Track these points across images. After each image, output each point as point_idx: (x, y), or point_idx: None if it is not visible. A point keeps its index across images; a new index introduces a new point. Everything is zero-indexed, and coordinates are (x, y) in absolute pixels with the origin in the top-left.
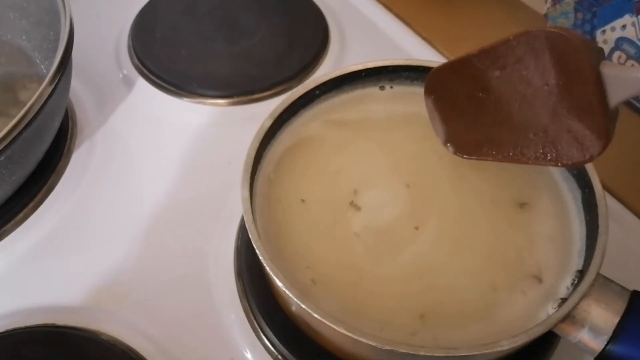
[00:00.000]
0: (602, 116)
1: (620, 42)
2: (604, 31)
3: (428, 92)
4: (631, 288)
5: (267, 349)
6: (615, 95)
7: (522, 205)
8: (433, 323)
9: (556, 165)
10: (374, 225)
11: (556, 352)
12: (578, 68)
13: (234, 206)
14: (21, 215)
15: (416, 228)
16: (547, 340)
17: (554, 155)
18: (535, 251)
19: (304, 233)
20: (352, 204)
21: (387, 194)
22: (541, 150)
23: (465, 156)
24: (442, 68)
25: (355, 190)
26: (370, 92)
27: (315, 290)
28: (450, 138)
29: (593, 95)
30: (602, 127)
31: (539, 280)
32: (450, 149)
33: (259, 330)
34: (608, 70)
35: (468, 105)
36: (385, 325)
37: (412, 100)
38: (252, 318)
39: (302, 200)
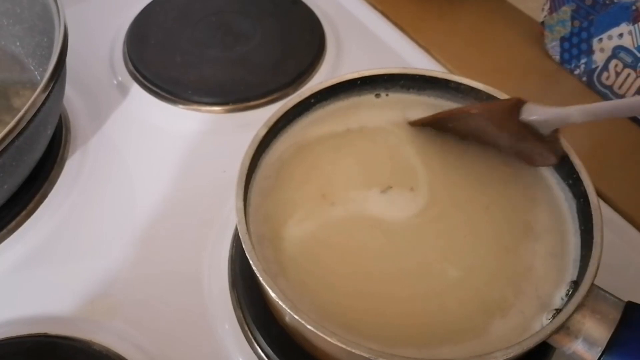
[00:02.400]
0: (541, 145)
1: (617, 51)
2: (600, 39)
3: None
4: (626, 298)
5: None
6: (543, 130)
7: (524, 221)
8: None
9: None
10: (373, 234)
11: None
12: (506, 126)
13: (228, 214)
14: (13, 223)
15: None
16: (543, 351)
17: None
18: (534, 265)
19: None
20: (347, 210)
21: (387, 200)
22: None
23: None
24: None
25: (351, 198)
26: (365, 100)
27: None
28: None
29: (524, 135)
30: (548, 150)
31: (539, 298)
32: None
33: (253, 340)
34: (525, 117)
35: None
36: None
37: (407, 108)
38: (246, 328)
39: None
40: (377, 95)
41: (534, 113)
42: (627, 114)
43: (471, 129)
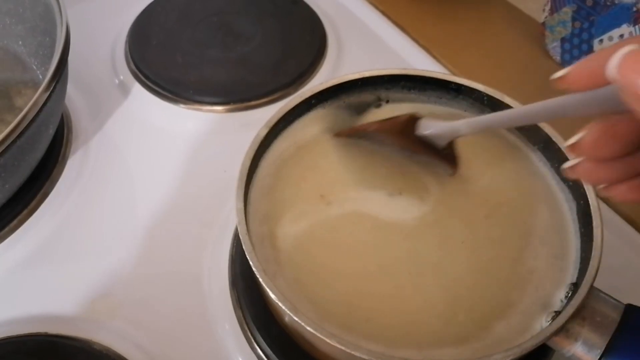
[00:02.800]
0: (437, 156)
1: None
2: (601, 40)
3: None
4: (626, 301)
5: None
6: (438, 143)
7: (525, 223)
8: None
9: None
10: (373, 233)
11: None
12: (404, 140)
13: (228, 214)
14: (15, 222)
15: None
16: (542, 352)
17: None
18: (536, 267)
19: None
20: (346, 210)
21: (387, 200)
22: None
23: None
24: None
25: (352, 197)
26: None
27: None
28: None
29: (419, 149)
30: (444, 161)
31: (540, 300)
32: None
33: (253, 340)
34: (420, 132)
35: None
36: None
37: (408, 108)
38: (246, 328)
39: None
40: (378, 106)
41: (428, 128)
42: (507, 125)
43: (383, 143)
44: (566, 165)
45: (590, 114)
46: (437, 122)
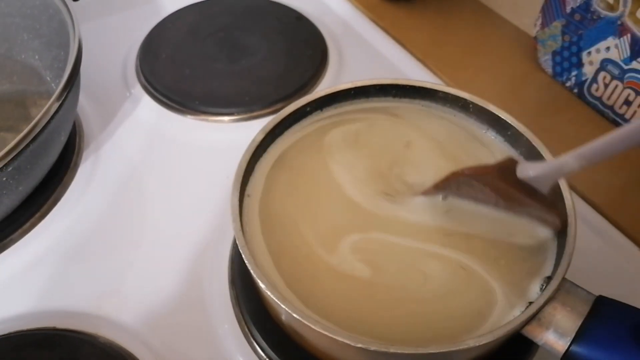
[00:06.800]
0: (540, 205)
1: (605, 63)
2: (589, 53)
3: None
4: (598, 293)
5: (259, 356)
6: (542, 187)
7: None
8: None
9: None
10: (369, 233)
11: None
12: (502, 187)
13: (230, 218)
14: (27, 224)
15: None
16: (525, 350)
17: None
18: (518, 263)
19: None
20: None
21: (383, 202)
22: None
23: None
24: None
25: (350, 199)
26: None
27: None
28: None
29: (520, 198)
30: (548, 211)
31: (524, 295)
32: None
33: (251, 337)
34: (522, 176)
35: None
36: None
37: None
38: (244, 325)
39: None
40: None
41: (529, 170)
42: (628, 146)
43: (470, 195)
44: None
45: None
46: (538, 162)
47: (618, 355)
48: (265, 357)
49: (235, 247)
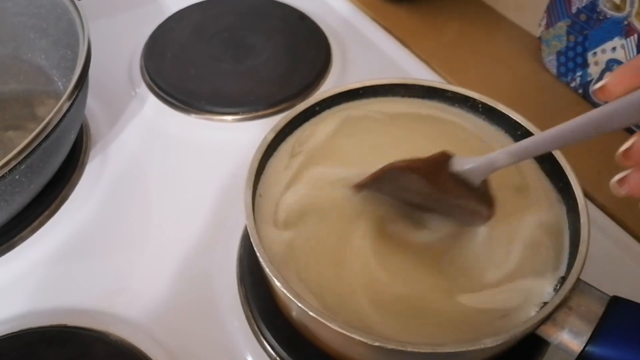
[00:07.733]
0: (473, 198)
1: (610, 64)
2: (595, 53)
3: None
4: (612, 293)
5: (268, 354)
6: (474, 180)
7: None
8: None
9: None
10: (373, 226)
11: (545, 358)
12: (438, 180)
13: (237, 217)
14: (36, 223)
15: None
16: (537, 346)
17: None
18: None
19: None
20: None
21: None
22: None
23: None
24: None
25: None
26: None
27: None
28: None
29: (454, 190)
30: (481, 203)
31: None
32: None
33: (260, 334)
34: (456, 169)
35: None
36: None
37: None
38: (254, 323)
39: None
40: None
41: (464, 164)
42: (554, 147)
43: (406, 189)
44: (615, 178)
45: (637, 121)
46: (471, 157)
47: (635, 355)
48: (274, 354)
49: (243, 245)
